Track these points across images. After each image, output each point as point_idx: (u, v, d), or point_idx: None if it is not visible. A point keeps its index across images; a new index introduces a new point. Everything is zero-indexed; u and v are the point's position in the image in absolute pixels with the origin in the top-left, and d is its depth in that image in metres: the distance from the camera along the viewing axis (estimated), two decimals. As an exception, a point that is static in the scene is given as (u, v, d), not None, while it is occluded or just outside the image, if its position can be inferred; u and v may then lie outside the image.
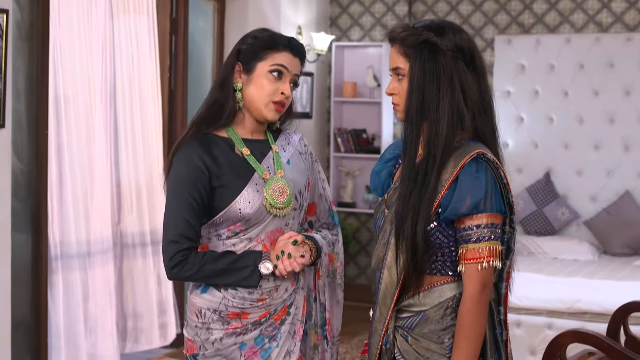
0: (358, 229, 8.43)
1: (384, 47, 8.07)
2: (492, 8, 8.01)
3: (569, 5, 7.78)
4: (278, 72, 2.80)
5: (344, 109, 8.42)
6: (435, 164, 2.42)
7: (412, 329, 2.49)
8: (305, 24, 7.94)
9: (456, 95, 2.45)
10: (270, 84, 2.80)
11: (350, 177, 8.30)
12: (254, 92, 2.81)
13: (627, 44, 7.51)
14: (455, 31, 2.52)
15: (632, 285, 5.94)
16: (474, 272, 2.40)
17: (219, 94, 2.84)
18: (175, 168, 2.79)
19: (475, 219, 2.39)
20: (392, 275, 2.49)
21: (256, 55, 2.81)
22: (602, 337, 3.54)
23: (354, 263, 8.48)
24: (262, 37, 2.83)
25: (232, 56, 2.86)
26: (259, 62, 2.80)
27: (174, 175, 2.79)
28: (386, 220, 2.55)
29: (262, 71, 2.80)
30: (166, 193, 2.81)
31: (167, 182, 2.83)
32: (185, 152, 2.78)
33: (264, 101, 2.81)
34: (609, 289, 5.80)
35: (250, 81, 2.81)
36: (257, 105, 2.82)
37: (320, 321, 3.07)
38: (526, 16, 7.90)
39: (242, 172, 2.82)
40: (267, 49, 2.81)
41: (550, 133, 7.66)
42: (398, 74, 2.53)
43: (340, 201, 8.34)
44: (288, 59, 2.82)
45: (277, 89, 2.81)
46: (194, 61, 6.63)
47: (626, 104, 7.48)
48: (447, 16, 8.14)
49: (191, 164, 2.76)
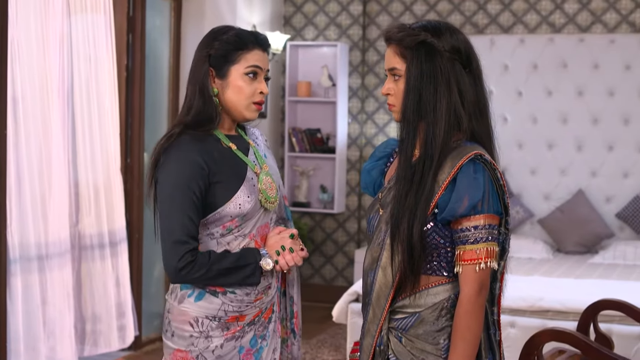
0: (312, 229, 8.41)
1: (339, 47, 8.06)
2: (446, 8, 8.05)
3: (523, 6, 7.84)
4: (253, 73, 2.78)
5: (299, 108, 8.40)
6: (432, 164, 2.41)
7: (406, 330, 2.48)
8: (259, 23, 7.90)
9: (453, 97, 2.45)
10: (248, 86, 2.78)
11: (305, 176, 8.28)
12: (233, 97, 2.78)
13: (580, 45, 7.60)
14: (452, 32, 2.51)
15: (590, 283, 6.01)
16: (472, 274, 2.39)
17: (202, 104, 2.77)
18: (174, 167, 2.70)
19: (473, 220, 2.39)
20: (386, 276, 2.47)
21: (228, 59, 2.77)
22: (580, 336, 3.57)
23: (309, 263, 8.45)
24: (229, 39, 2.77)
25: (202, 61, 2.79)
26: (232, 65, 2.77)
27: (174, 174, 2.70)
28: (381, 220, 2.54)
29: (238, 74, 2.77)
30: (162, 193, 2.72)
31: (162, 183, 2.73)
32: (183, 150, 2.72)
33: (244, 104, 2.79)
34: (568, 287, 5.86)
35: (227, 85, 2.78)
36: (238, 109, 2.80)
37: (289, 314, 3.06)
38: (480, 16, 7.95)
39: (236, 167, 2.79)
40: (237, 50, 2.77)
41: (504, 132, 7.72)
42: (394, 74, 2.52)
43: (295, 201, 8.31)
44: (259, 56, 2.80)
45: (255, 90, 2.79)
46: (150, 60, 6.55)
47: (579, 104, 7.57)
48: (401, 16, 8.15)
49: (191, 161, 2.70)
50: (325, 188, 8.28)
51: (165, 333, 2.83)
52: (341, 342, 6.89)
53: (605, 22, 7.66)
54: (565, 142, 7.65)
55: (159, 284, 6.88)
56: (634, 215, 7.43)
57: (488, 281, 2.42)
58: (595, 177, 7.57)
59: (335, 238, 8.42)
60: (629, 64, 7.51)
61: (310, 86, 8.23)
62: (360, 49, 8.26)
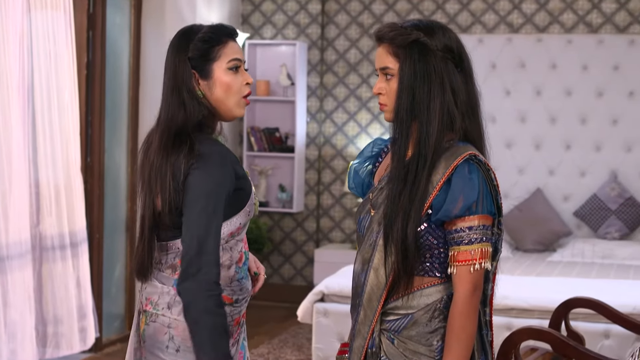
0: (271, 228, 8.38)
1: (298, 46, 8.04)
2: (405, 8, 8.07)
3: (481, 6, 7.89)
4: (235, 66, 2.66)
5: (257, 107, 8.35)
6: (425, 164, 2.40)
7: (399, 331, 2.46)
8: (218, 21, 7.79)
9: (447, 96, 2.44)
10: (235, 80, 2.66)
11: (264, 176, 8.24)
12: (222, 94, 2.66)
13: (538, 45, 7.66)
14: (444, 31, 2.50)
15: (552, 281, 6.07)
16: (466, 274, 2.38)
17: (193, 109, 2.64)
18: (216, 172, 2.54)
19: (467, 220, 2.38)
20: (379, 277, 2.46)
21: (208, 57, 2.65)
22: (558, 335, 3.60)
23: (268, 262, 8.42)
24: (204, 37, 2.65)
25: (183, 64, 2.65)
26: (213, 63, 2.65)
27: (215, 180, 2.54)
28: (373, 220, 2.51)
29: (221, 71, 2.65)
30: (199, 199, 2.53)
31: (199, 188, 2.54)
32: (223, 153, 2.60)
33: (235, 99, 2.67)
34: (530, 285, 5.90)
35: (213, 85, 2.66)
36: (229, 106, 2.68)
37: None
38: (439, 16, 7.97)
39: (243, 172, 2.70)
40: (215, 47, 2.65)
41: (463, 132, 7.75)
42: (386, 73, 2.49)
43: (254, 200, 8.26)
44: (235, 48, 2.70)
45: (242, 83, 2.68)
46: (110, 58, 6.47)
47: (537, 104, 7.64)
48: (359, 16, 8.16)
49: (230, 166, 2.59)
50: (284, 187, 8.25)
51: (166, 350, 2.63)
52: (303, 341, 6.86)
53: (563, 22, 7.73)
54: (523, 141, 7.71)
55: (119, 284, 6.80)
56: (590, 213, 7.52)
57: (482, 282, 2.42)
58: (553, 176, 7.64)
59: (294, 237, 8.39)
60: (586, 64, 7.59)
61: (268, 85, 8.20)
62: (318, 48, 8.25)
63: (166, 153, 2.59)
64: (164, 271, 2.68)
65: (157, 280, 2.69)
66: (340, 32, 8.23)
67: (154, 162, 2.62)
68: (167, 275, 2.67)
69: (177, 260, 2.64)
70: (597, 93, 7.60)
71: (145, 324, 2.68)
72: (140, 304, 2.73)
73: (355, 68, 8.21)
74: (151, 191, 2.63)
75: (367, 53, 8.16)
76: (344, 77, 8.24)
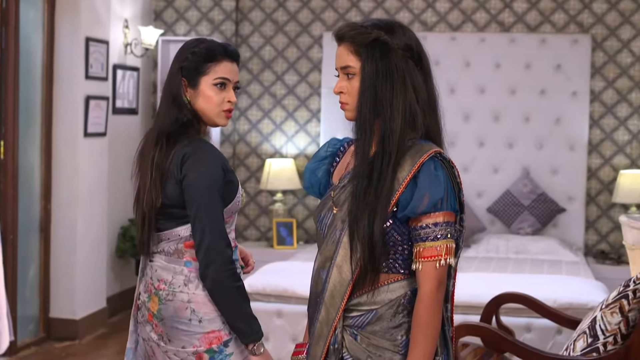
0: (186, 227, 8.27)
1: (212, 43, 7.95)
2: (320, 5, 8.07)
3: (395, 5, 7.95)
4: (221, 83, 3.00)
5: (171, 105, 8.23)
6: (390, 161, 2.41)
7: (362, 327, 2.46)
8: (131, 17, 7.73)
9: (409, 94, 2.45)
10: (217, 96, 3.00)
11: (178, 174, 8.13)
12: (204, 105, 3.00)
13: (451, 43, 7.76)
14: (404, 30, 2.51)
15: (471, 276, 6.13)
16: (432, 270, 2.40)
17: (177, 112, 2.99)
18: (209, 169, 2.92)
19: (433, 217, 2.39)
20: (342, 274, 2.45)
21: (198, 70, 2.99)
22: (495, 330, 3.64)
23: (182, 262, 8.32)
24: (200, 52, 2.99)
25: (175, 72, 3.02)
26: (202, 76, 2.99)
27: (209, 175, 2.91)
28: (336, 218, 2.51)
29: (207, 85, 2.99)
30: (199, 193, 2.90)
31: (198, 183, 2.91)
32: (212, 151, 2.96)
33: (214, 111, 3.01)
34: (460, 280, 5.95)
35: (198, 95, 3.00)
36: (209, 115, 3.01)
37: None
38: (353, 14, 8.01)
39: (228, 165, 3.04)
40: (207, 62, 2.98)
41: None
42: (348, 72, 2.49)
43: (168, 199, 8.16)
44: (227, 68, 3.01)
45: (223, 99, 3.01)
46: (24, 54, 6.30)
47: (451, 101, 7.73)
48: (274, 12, 8.13)
49: (220, 162, 2.95)
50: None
51: (190, 323, 2.95)
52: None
53: (476, 21, 7.85)
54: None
55: (34, 287, 6.63)
56: (504, 209, 7.65)
57: (445, 277, 2.43)
58: (467, 172, 7.75)
59: (209, 236, 8.30)
60: (499, 63, 7.73)
61: (182, 82, 8.09)
62: (233, 45, 8.17)
63: (160, 151, 2.97)
64: (172, 255, 3.00)
65: (166, 262, 3.01)
66: (255, 29, 8.19)
67: (152, 160, 2.98)
68: (176, 258, 2.99)
69: (181, 245, 2.98)
70: (510, 91, 7.75)
71: (161, 304, 2.99)
72: (150, 286, 3.03)
73: (270, 65, 8.19)
74: (154, 186, 2.97)
75: (282, 50, 8.14)
76: (258, 75, 8.20)
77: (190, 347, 2.96)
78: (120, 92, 7.55)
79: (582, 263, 6.98)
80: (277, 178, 7.87)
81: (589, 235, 7.78)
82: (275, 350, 5.59)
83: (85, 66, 6.71)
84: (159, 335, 3.00)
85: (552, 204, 7.60)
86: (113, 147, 7.41)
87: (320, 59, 8.02)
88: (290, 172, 7.91)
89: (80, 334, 6.79)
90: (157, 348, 3.02)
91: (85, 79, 6.74)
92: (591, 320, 3.61)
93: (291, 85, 8.16)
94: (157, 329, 3.01)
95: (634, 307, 3.50)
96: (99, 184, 7.05)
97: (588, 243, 7.78)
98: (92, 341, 6.80)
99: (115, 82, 7.43)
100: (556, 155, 7.72)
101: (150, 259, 3.05)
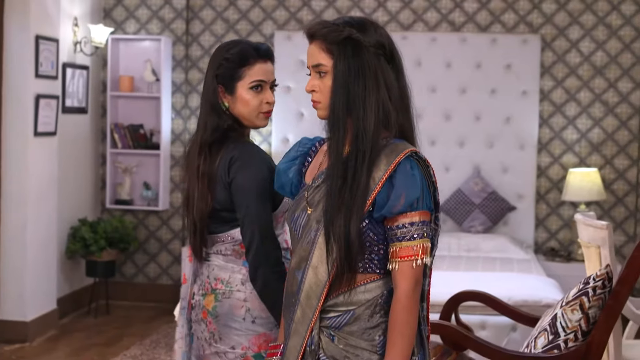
0: (136, 227, 8.21)
1: (162, 41, 7.91)
2: (271, 4, 8.05)
3: (346, 4, 7.96)
4: (257, 86, 3.04)
5: (120, 103, 8.17)
6: (365, 160, 2.39)
7: (339, 328, 2.44)
8: (81, 15, 7.64)
9: (382, 93, 2.44)
10: (255, 99, 3.04)
11: (128, 173, 8.07)
12: (242, 109, 3.05)
13: (403, 42, 7.77)
14: (375, 27, 2.50)
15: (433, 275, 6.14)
16: (408, 270, 2.39)
17: (217, 119, 3.04)
18: (256, 169, 2.97)
19: (409, 216, 2.38)
20: (318, 275, 2.43)
21: (233, 76, 3.03)
22: (457, 327, 3.66)
23: (132, 262, 8.26)
24: (233, 57, 3.02)
25: (211, 80, 3.06)
26: (237, 82, 3.03)
27: (259, 176, 2.96)
28: (311, 218, 2.49)
29: (243, 89, 3.04)
30: (250, 193, 2.95)
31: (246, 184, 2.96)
32: (259, 153, 3.02)
33: (253, 114, 3.06)
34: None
35: (235, 100, 3.05)
36: (249, 119, 3.07)
37: None
38: (305, 12, 8.00)
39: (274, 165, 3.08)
40: (241, 67, 3.02)
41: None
42: (320, 71, 2.47)
43: (118, 199, 8.10)
44: (262, 69, 3.04)
45: (261, 101, 3.06)
46: (-28, 52, 6.20)
47: (403, 100, 7.74)
48: (225, 11, 8.09)
49: (267, 163, 3.00)
50: (149, 185, 8.11)
51: (243, 321, 3.00)
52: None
53: (427, 20, 7.89)
54: None
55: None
56: (455, 208, 7.71)
57: (422, 277, 2.43)
58: (419, 171, 7.77)
59: (160, 236, 8.26)
60: (450, 62, 7.78)
61: (132, 81, 8.03)
62: (183, 44, 8.14)
63: (205, 161, 3.01)
64: (229, 255, 3.04)
65: (225, 262, 3.05)
66: (206, 28, 8.14)
67: (197, 169, 3.02)
68: (235, 258, 3.04)
69: (237, 247, 3.02)
70: (461, 90, 7.80)
71: (217, 301, 3.03)
72: (207, 285, 3.06)
73: (221, 64, 8.13)
74: (203, 194, 3.00)
75: (233, 49, 8.09)
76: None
77: (239, 349, 3.00)
78: (70, 91, 7.46)
79: (533, 260, 7.06)
80: (229, 177, 7.82)
81: (538, 233, 7.87)
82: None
83: (35, 65, 6.62)
84: (211, 334, 3.04)
85: (503, 202, 7.68)
86: (63, 146, 7.32)
87: (272, 58, 7.99)
88: (242, 171, 7.86)
89: (31, 336, 6.70)
90: (208, 347, 3.05)
91: (35, 77, 6.66)
92: (552, 317, 3.65)
93: (242, 84, 8.11)
94: (210, 326, 3.04)
95: (594, 305, 3.54)
96: (48, 184, 6.96)
97: (538, 241, 7.87)
98: (43, 343, 6.71)
99: (65, 81, 7.34)
100: (506, 154, 7.79)
101: (206, 259, 3.08)
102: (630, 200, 7.76)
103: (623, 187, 7.76)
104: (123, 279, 8.27)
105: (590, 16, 7.74)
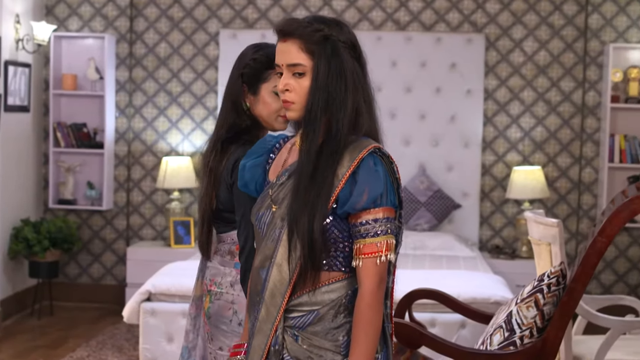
0: (80, 227, 8.11)
1: (106, 39, 7.82)
2: (216, 2, 8.01)
3: (292, 2, 7.95)
4: None
5: (64, 102, 8.07)
6: (334, 160, 2.38)
7: (303, 328, 2.42)
8: (23, 12, 7.52)
9: (358, 93, 2.43)
10: (276, 102, 3.09)
11: (71, 173, 7.97)
12: (263, 111, 3.12)
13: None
14: (345, 26, 2.49)
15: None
16: (372, 267, 2.38)
17: (235, 117, 3.12)
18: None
19: (372, 213, 2.37)
20: (282, 273, 2.41)
21: (259, 77, 3.08)
22: (413, 325, 3.68)
23: (76, 262, 8.16)
24: (261, 59, 3.08)
25: (236, 78, 3.11)
26: (262, 83, 3.10)
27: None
28: (275, 216, 2.46)
29: (267, 91, 3.10)
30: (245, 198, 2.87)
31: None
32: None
33: (273, 117, 3.13)
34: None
35: (257, 101, 3.12)
36: (268, 121, 3.14)
37: None
38: (250, 11, 7.98)
39: None
40: (267, 70, 3.07)
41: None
42: (297, 71, 2.43)
43: (61, 198, 7.99)
44: None
45: (282, 105, 3.06)
46: None
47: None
48: (169, 9, 8.03)
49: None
50: (93, 184, 8.01)
51: (230, 323, 3.06)
52: (122, 342, 6.69)
53: (372, 19, 7.92)
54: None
55: None
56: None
57: (386, 274, 2.42)
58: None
59: (104, 236, 8.17)
60: (395, 61, 7.82)
61: (76, 79, 7.93)
62: (127, 42, 8.06)
63: (214, 157, 3.09)
64: (225, 256, 3.11)
65: (220, 263, 3.12)
66: (150, 25, 8.07)
67: (207, 165, 3.10)
68: (228, 260, 3.11)
69: (233, 248, 3.08)
70: (406, 89, 7.85)
71: (210, 302, 3.10)
72: (204, 286, 3.15)
73: (165, 62, 8.08)
74: (207, 191, 3.09)
75: (178, 47, 8.05)
76: (153, 72, 8.09)
77: (226, 350, 3.02)
78: (11, 89, 7.34)
79: (479, 258, 7.13)
80: (174, 176, 7.77)
81: (483, 230, 7.95)
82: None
83: (-23, 62, 6.51)
84: (207, 334, 3.11)
85: (448, 200, 7.74)
86: (4, 145, 7.20)
87: (217, 57, 7.96)
88: (187, 170, 7.82)
89: (-26, 339, 6.59)
90: (207, 348, 3.12)
91: (-23, 75, 6.54)
92: (507, 314, 3.68)
93: (187, 82, 8.08)
94: (206, 327, 3.11)
95: (548, 301, 3.58)
96: (-9, 184, 6.84)
97: (482, 238, 7.95)
98: (-14, 346, 6.60)
99: (7, 79, 7.22)
100: (451, 152, 7.86)
101: (210, 260, 3.16)
102: (573, 197, 7.88)
103: (566, 184, 7.88)
104: (67, 279, 8.17)
105: (533, 16, 7.84)
